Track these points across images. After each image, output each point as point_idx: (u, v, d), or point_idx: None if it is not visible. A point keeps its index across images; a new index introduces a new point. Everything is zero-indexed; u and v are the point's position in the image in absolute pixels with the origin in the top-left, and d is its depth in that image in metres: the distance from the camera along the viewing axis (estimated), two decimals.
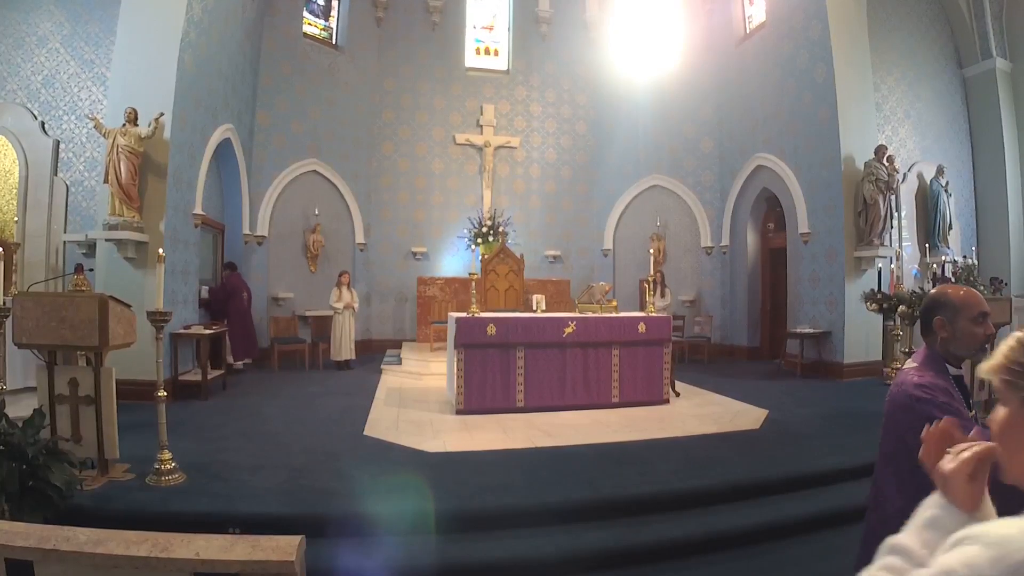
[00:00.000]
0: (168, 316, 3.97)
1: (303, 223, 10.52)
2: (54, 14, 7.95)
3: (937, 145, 10.52)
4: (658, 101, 11.31)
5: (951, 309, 1.85)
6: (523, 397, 6.20)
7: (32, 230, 7.59)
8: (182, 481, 3.81)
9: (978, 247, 10.15)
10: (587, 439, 5.11)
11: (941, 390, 1.78)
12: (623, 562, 3.26)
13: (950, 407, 1.73)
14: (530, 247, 11.43)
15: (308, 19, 10.73)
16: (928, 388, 1.79)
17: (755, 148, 10.30)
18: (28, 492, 3.06)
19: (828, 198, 8.73)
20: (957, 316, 1.84)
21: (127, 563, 1.82)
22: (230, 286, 8.72)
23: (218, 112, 8.16)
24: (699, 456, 4.59)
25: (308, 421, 5.67)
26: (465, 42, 12.15)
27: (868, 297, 8.00)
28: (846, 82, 8.51)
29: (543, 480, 4.00)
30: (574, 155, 12.25)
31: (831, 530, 3.60)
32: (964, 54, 10.74)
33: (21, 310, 3.73)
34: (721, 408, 6.42)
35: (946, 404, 1.74)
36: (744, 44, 10.75)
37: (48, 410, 3.68)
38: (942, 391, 1.78)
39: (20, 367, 6.05)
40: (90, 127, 7.22)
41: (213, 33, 7.70)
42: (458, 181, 11.87)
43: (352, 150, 11.10)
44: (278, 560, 1.81)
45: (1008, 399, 0.92)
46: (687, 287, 11.51)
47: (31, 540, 1.87)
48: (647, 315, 6.75)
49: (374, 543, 3.21)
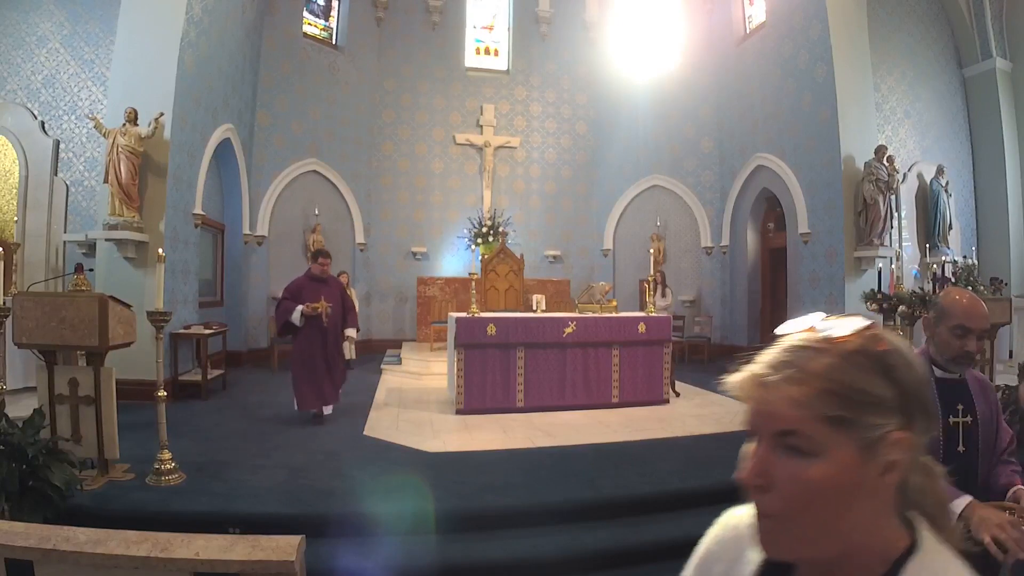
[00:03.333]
0: (168, 316, 3.97)
1: (303, 223, 10.52)
2: (54, 14, 7.95)
3: (937, 145, 10.51)
4: (658, 101, 11.30)
5: (937, 312, 1.84)
6: (523, 397, 6.20)
7: (32, 230, 7.59)
8: (182, 481, 3.81)
9: (978, 247, 10.14)
10: (587, 439, 5.11)
11: None
12: (623, 562, 3.26)
13: None
14: (530, 247, 11.43)
15: (308, 19, 10.72)
16: None
17: (755, 148, 10.29)
18: (28, 492, 3.06)
19: (828, 198, 8.73)
20: (939, 320, 1.83)
21: (127, 563, 1.82)
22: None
23: (218, 112, 8.16)
24: (699, 456, 4.59)
25: (308, 421, 5.67)
26: (465, 42, 12.15)
27: (868, 297, 7.98)
28: (846, 82, 8.50)
29: (543, 480, 4.00)
30: (574, 155, 12.24)
31: None
32: (964, 54, 10.73)
33: (21, 310, 3.73)
34: (721, 408, 6.42)
35: None
36: (744, 44, 10.75)
37: (48, 410, 3.68)
38: None
39: (20, 367, 6.05)
40: (90, 127, 7.22)
41: (213, 33, 7.69)
42: (458, 181, 11.87)
43: (352, 150, 11.10)
44: (278, 560, 1.81)
45: (834, 444, 0.61)
46: (687, 287, 11.51)
47: (31, 540, 1.87)
48: (647, 315, 6.75)
49: (374, 543, 3.21)
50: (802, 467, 0.62)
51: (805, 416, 0.62)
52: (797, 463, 0.62)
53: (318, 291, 5.71)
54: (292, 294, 5.70)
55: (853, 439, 0.61)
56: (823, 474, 0.61)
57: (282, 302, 5.73)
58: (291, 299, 5.66)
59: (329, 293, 5.76)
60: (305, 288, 5.75)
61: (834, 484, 0.61)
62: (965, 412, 1.87)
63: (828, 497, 0.62)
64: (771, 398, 0.64)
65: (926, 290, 7.69)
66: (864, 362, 0.63)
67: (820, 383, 0.62)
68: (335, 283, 6.07)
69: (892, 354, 0.65)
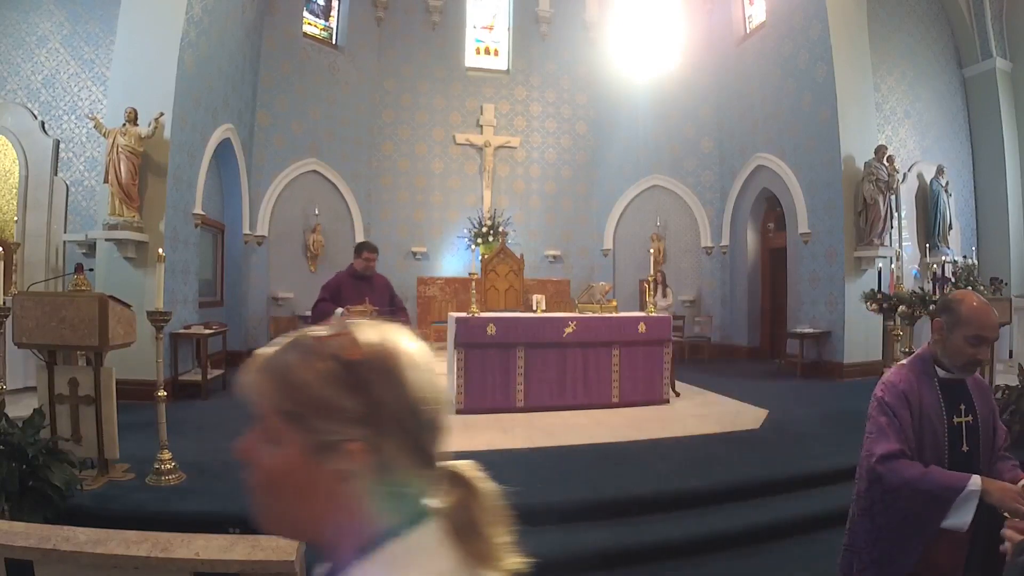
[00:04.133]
0: (168, 316, 3.97)
1: (303, 223, 10.52)
2: (54, 14, 7.95)
3: (937, 145, 10.51)
4: (658, 101, 11.30)
5: (954, 318, 1.82)
6: (523, 397, 6.20)
7: (32, 230, 7.59)
8: (182, 481, 3.81)
9: (978, 247, 10.13)
10: (587, 439, 5.10)
11: (897, 392, 1.82)
12: (623, 562, 3.25)
13: (890, 407, 1.80)
14: (530, 247, 11.43)
15: (308, 19, 10.72)
16: (887, 385, 1.86)
17: (755, 148, 10.29)
18: (28, 492, 3.06)
19: (828, 198, 8.73)
20: (955, 327, 1.81)
21: (127, 563, 1.82)
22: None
23: (218, 112, 8.16)
24: (699, 456, 4.59)
25: None
26: (465, 42, 12.15)
27: (868, 297, 7.98)
28: (846, 82, 8.50)
29: (543, 480, 3.99)
30: (574, 155, 12.24)
31: (831, 530, 3.58)
32: (964, 54, 10.73)
33: (21, 310, 3.73)
34: (721, 408, 6.42)
35: (888, 404, 1.81)
36: (744, 44, 10.75)
37: (48, 410, 3.68)
38: (898, 392, 1.82)
39: (20, 367, 6.05)
40: (90, 127, 7.22)
41: (213, 33, 7.69)
42: (458, 181, 11.87)
43: (352, 150, 11.09)
44: (278, 560, 1.81)
45: (287, 439, 0.63)
46: (687, 287, 11.51)
47: (31, 540, 1.87)
48: (647, 315, 6.75)
49: None
50: (263, 452, 0.64)
51: (266, 406, 0.64)
52: (263, 447, 0.64)
53: (361, 291, 4.81)
54: (331, 294, 4.88)
55: (304, 438, 0.62)
56: (272, 464, 0.64)
57: (319, 304, 4.88)
58: (329, 300, 4.81)
59: (374, 294, 4.86)
60: (345, 287, 4.89)
61: (281, 475, 0.63)
62: (967, 412, 1.87)
63: (281, 486, 0.64)
64: (251, 382, 0.66)
65: (926, 290, 7.69)
66: (326, 367, 0.63)
67: (280, 377, 0.64)
68: (381, 282, 5.21)
69: (365, 366, 0.63)
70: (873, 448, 1.79)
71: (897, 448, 1.75)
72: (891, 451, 1.75)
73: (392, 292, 5.20)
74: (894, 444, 1.75)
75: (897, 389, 1.82)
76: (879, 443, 1.78)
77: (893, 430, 1.77)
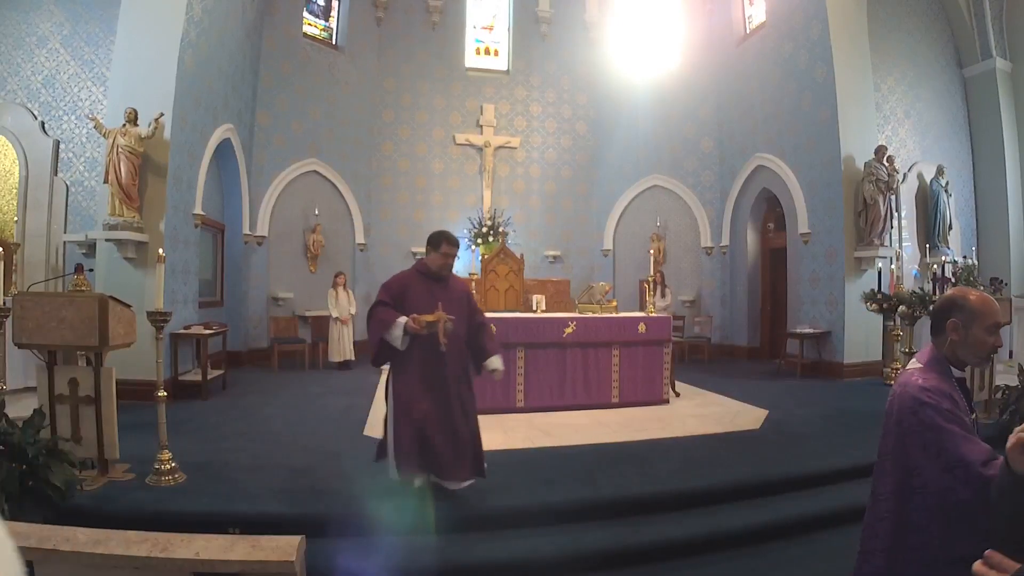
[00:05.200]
0: (168, 316, 3.97)
1: (303, 223, 10.52)
2: (54, 14, 7.95)
3: (937, 145, 10.51)
4: (658, 101, 11.30)
5: (968, 314, 1.81)
6: (523, 397, 6.20)
7: (32, 230, 7.59)
8: (182, 481, 3.81)
9: (978, 247, 10.14)
10: (587, 439, 5.11)
11: (945, 395, 1.77)
12: (623, 562, 3.26)
13: (953, 414, 1.72)
14: (530, 247, 11.43)
15: (308, 19, 10.72)
16: (932, 392, 1.78)
17: (755, 148, 10.30)
18: (28, 492, 3.06)
19: (828, 198, 8.73)
20: (973, 322, 1.80)
21: (127, 563, 1.82)
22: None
23: (218, 112, 8.16)
24: (699, 456, 4.59)
25: (308, 421, 5.67)
26: (465, 42, 12.15)
27: (868, 297, 8.00)
28: (846, 82, 8.51)
29: (543, 480, 4.00)
30: (574, 155, 12.25)
31: (831, 530, 3.60)
32: (964, 54, 10.73)
33: (21, 310, 3.73)
34: (721, 408, 6.42)
35: (949, 412, 1.72)
36: (744, 44, 10.75)
37: (48, 410, 3.68)
38: (946, 397, 1.77)
39: (20, 367, 6.05)
40: (90, 127, 7.22)
41: (213, 33, 7.69)
42: (458, 181, 11.87)
43: (352, 150, 11.10)
44: (278, 560, 1.81)
45: None
46: (687, 287, 11.51)
47: (31, 540, 1.87)
48: (647, 315, 6.75)
49: (374, 543, 3.21)
50: None
51: None
52: None
53: (433, 295, 3.62)
54: (393, 296, 3.63)
55: None
56: None
57: (377, 308, 3.60)
58: (391, 305, 3.59)
59: (450, 302, 3.63)
60: (413, 289, 3.67)
61: None
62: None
63: None
64: None
65: (926, 290, 7.70)
66: None
67: None
68: (460, 288, 3.94)
69: None
70: (965, 456, 1.67)
71: (988, 447, 1.71)
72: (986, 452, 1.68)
73: (473, 303, 3.97)
74: (983, 444, 1.72)
75: (944, 392, 1.80)
76: (969, 449, 1.68)
77: (969, 432, 1.74)
